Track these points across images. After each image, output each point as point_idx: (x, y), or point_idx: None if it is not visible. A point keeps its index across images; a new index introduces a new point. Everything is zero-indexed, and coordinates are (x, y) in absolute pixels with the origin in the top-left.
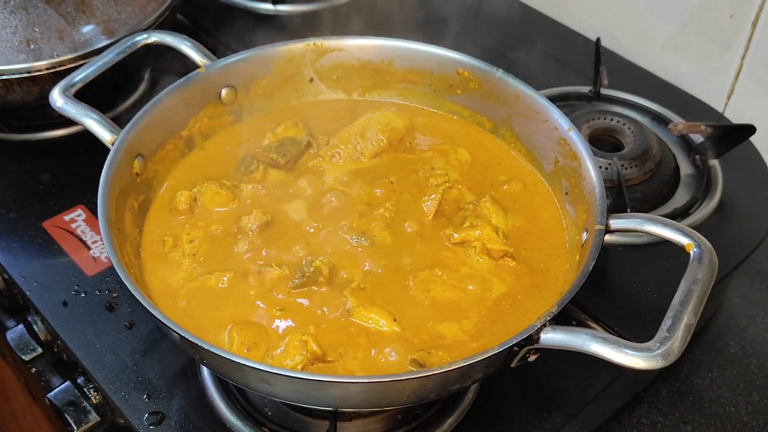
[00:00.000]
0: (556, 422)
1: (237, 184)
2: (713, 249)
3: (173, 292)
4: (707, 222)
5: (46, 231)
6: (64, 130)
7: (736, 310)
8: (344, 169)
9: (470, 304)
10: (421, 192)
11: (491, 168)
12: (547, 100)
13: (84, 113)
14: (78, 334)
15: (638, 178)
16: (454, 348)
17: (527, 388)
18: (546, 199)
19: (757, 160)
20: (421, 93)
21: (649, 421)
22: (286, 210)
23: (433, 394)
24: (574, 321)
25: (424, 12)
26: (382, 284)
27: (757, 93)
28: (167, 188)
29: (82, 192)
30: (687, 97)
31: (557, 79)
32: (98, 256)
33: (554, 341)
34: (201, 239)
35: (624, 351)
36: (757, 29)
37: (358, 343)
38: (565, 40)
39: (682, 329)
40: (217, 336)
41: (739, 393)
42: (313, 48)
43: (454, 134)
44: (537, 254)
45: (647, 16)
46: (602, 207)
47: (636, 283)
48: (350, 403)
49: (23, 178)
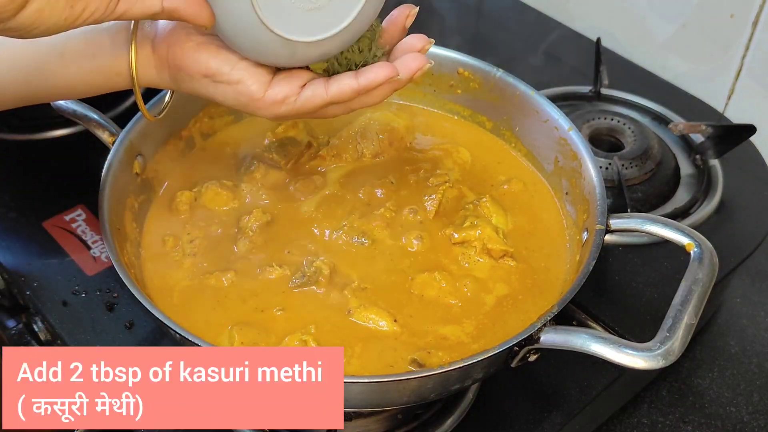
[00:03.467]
0: (556, 422)
1: (237, 184)
2: (713, 249)
3: (173, 292)
4: (707, 222)
5: (46, 231)
6: (64, 130)
7: (736, 310)
8: (344, 169)
9: (471, 304)
10: (421, 192)
11: (491, 168)
12: (547, 100)
13: (84, 113)
14: (78, 334)
15: (638, 178)
16: (455, 348)
17: (527, 388)
18: (546, 199)
19: (757, 160)
20: (421, 93)
21: (649, 421)
22: (287, 210)
23: (434, 394)
24: (574, 321)
25: (423, 12)
26: (383, 284)
27: (757, 93)
28: (167, 188)
29: (83, 192)
30: (687, 97)
31: (557, 79)
32: (98, 255)
33: (554, 341)
34: (201, 239)
35: (624, 351)
36: (757, 29)
37: (359, 343)
38: (565, 40)
39: (682, 329)
40: (217, 336)
41: (740, 393)
42: None
43: (454, 134)
44: (537, 254)
45: (647, 16)
46: (602, 207)
47: (636, 283)
48: (350, 403)
49: (23, 178)
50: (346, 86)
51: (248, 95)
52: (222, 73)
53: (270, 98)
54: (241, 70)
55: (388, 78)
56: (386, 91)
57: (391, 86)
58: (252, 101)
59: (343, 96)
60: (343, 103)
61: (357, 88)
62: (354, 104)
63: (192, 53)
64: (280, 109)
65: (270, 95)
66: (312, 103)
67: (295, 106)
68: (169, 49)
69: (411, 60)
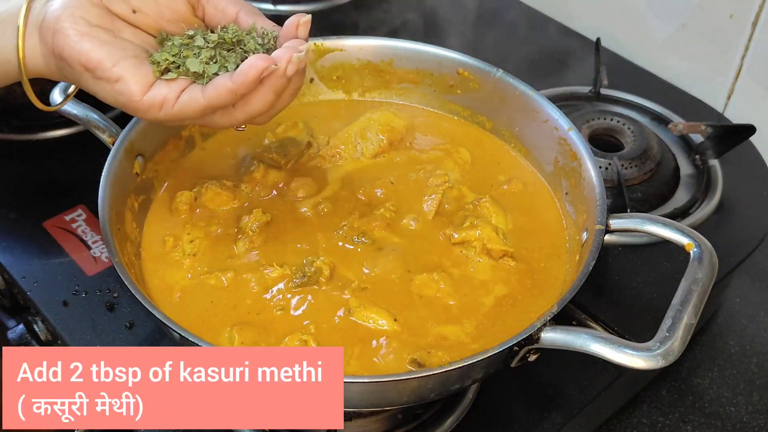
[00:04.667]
0: (556, 422)
1: (237, 184)
2: (713, 249)
3: (173, 292)
4: (707, 222)
5: (46, 231)
6: (64, 130)
7: (736, 310)
8: (344, 169)
9: (470, 304)
10: (421, 192)
11: (491, 168)
12: (547, 100)
13: (84, 113)
14: (78, 334)
15: (638, 178)
16: (455, 348)
17: (527, 388)
18: (546, 199)
19: (757, 160)
20: (421, 93)
21: (649, 421)
22: (287, 210)
23: (434, 394)
24: (574, 321)
25: (423, 12)
26: (383, 284)
27: (757, 93)
28: (167, 188)
29: (83, 192)
30: (687, 97)
31: (557, 79)
32: (98, 255)
33: (554, 341)
34: (201, 239)
35: (624, 351)
36: (757, 29)
37: (359, 343)
38: (565, 40)
39: (682, 329)
40: (218, 336)
41: (740, 393)
42: (313, 48)
43: (454, 134)
44: (537, 254)
45: (647, 16)
46: (602, 207)
47: (636, 283)
48: (350, 403)
49: (23, 178)
50: (222, 87)
51: (127, 95)
52: (103, 69)
53: (148, 101)
54: (123, 67)
55: (261, 69)
56: (269, 96)
57: (272, 85)
58: (130, 102)
59: (220, 98)
60: (225, 111)
61: (232, 87)
62: (237, 114)
63: (75, 43)
64: (159, 113)
65: (148, 98)
66: (190, 107)
67: (173, 111)
68: (54, 36)
69: (283, 50)
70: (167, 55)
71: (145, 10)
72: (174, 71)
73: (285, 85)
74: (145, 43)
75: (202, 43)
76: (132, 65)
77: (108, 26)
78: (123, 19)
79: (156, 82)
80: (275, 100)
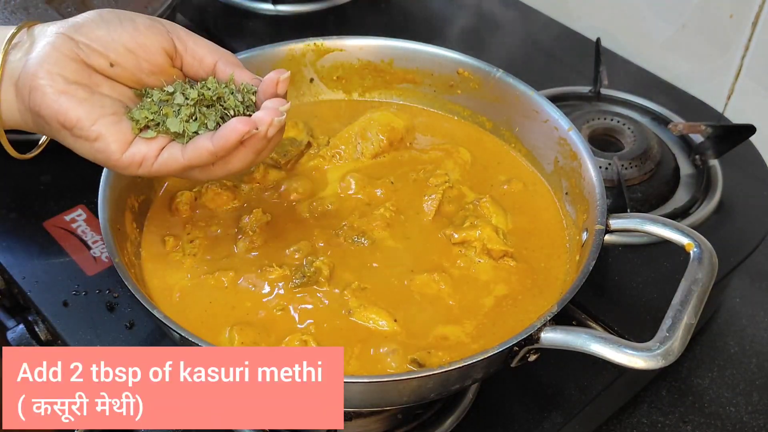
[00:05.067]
0: (556, 422)
1: (237, 184)
2: (713, 249)
3: (173, 292)
4: (707, 222)
5: (46, 231)
6: None
7: (736, 310)
8: (344, 169)
9: (470, 304)
10: (421, 192)
11: (491, 168)
12: (547, 100)
13: None
14: (78, 334)
15: (638, 178)
16: (455, 348)
17: (527, 388)
18: (546, 199)
19: (757, 160)
20: (421, 93)
21: (649, 421)
22: (287, 210)
23: (434, 394)
24: (574, 321)
25: (423, 12)
26: (383, 284)
27: (757, 93)
28: (167, 188)
29: (83, 192)
30: (687, 97)
31: (557, 79)
32: (99, 256)
33: (554, 341)
34: (201, 239)
35: (624, 351)
36: (757, 29)
37: (359, 343)
38: (565, 40)
39: (682, 329)
40: (218, 336)
41: (739, 393)
42: (313, 48)
43: (454, 134)
44: (537, 254)
45: (647, 16)
46: (602, 207)
47: (636, 283)
48: (350, 403)
49: (23, 178)
50: (202, 148)
51: (106, 153)
52: (81, 128)
53: (127, 159)
54: (101, 126)
55: (241, 134)
56: (249, 156)
57: (253, 147)
58: (109, 160)
59: (200, 159)
60: (204, 168)
61: (212, 149)
62: (217, 170)
63: (52, 102)
64: (138, 170)
65: (127, 156)
66: (170, 166)
67: (152, 169)
68: (30, 93)
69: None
70: (146, 112)
71: (123, 64)
72: (153, 129)
73: (265, 145)
74: (123, 96)
75: (181, 101)
76: (110, 123)
77: (85, 82)
78: (101, 72)
79: (135, 140)
80: (255, 159)
